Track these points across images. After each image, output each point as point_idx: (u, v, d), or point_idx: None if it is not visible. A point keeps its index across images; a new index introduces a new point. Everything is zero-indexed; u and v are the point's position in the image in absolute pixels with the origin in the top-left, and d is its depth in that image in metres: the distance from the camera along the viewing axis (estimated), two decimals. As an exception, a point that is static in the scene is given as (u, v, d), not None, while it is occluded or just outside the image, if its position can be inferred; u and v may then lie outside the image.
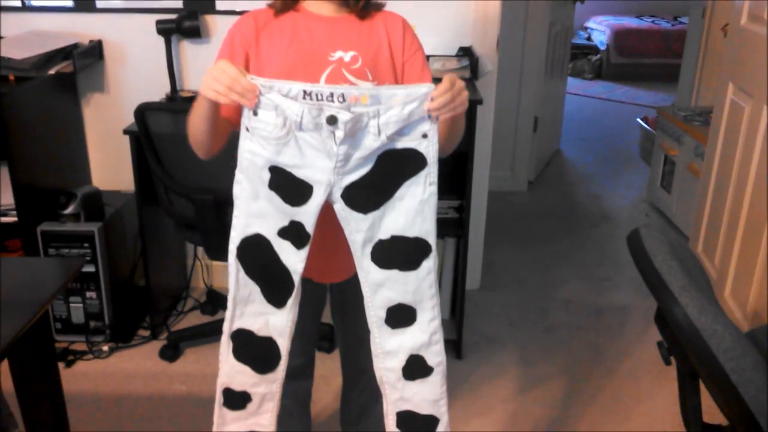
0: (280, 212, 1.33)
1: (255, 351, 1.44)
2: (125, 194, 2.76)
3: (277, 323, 1.41)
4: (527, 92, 4.03)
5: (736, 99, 2.84)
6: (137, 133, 2.25)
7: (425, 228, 1.35)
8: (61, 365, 2.50)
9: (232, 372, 1.46)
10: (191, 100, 1.39)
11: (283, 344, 1.43)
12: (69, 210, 2.50)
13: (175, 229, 2.44)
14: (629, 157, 4.97)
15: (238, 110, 1.30)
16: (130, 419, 2.29)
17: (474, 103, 2.27)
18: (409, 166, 1.31)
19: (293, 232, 1.34)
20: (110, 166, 2.85)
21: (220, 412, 1.52)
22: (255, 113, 1.25)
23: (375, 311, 1.41)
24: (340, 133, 1.24)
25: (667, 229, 3.23)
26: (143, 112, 2.15)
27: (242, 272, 1.38)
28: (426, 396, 1.46)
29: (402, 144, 1.29)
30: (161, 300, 2.81)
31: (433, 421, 1.49)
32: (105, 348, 2.62)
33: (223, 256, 2.16)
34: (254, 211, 1.34)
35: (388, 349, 1.43)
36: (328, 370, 2.48)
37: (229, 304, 1.41)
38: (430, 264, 1.37)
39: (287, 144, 1.27)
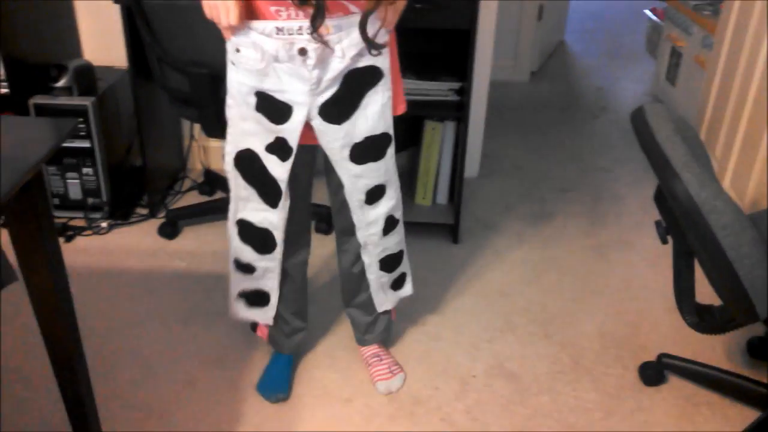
0: (266, 130, 1.57)
1: (255, 237, 1.73)
2: (118, 70, 2.69)
3: (273, 219, 1.69)
4: (534, -23, 3.89)
5: (751, -17, 2.74)
6: (128, 2, 2.16)
7: (386, 124, 1.63)
8: (60, 240, 2.51)
9: (238, 248, 1.76)
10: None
11: (278, 236, 1.72)
12: (61, 83, 2.44)
13: (170, 103, 2.39)
14: (635, 50, 4.86)
15: None
16: (129, 293, 2.33)
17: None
18: (369, 79, 1.56)
19: (278, 147, 1.59)
20: (102, 40, 2.76)
21: (234, 275, 1.82)
22: (237, 50, 1.48)
23: (356, 196, 1.69)
24: (311, 61, 1.45)
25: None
26: (135, -23, 2.06)
27: (240, 178, 1.65)
28: (395, 239, 1.83)
29: (363, 63, 1.52)
30: (158, 179, 2.80)
31: (400, 253, 1.88)
32: (104, 224, 2.63)
33: (218, 133, 2.14)
34: (245, 130, 1.59)
35: (370, 221, 1.75)
36: (327, 250, 2.51)
37: (232, 200, 1.70)
38: (392, 149, 1.68)
39: (267, 74, 1.49)
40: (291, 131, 1.56)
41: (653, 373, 2.02)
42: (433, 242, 2.64)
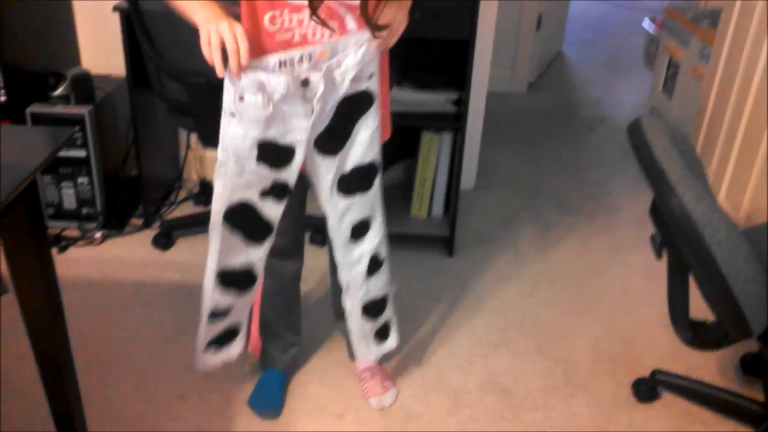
0: (264, 178, 1.47)
1: (238, 280, 1.62)
2: (116, 79, 2.69)
3: (254, 256, 1.59)
4: (532, -12, 3.89)
5: (748, -3, 2.74)
6: (128, 10, 2.16)
7: (375, 152, 1.55)
8: (53, 251, 2.50)
9: (218, 299, 1.63)
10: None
11: (259, 266, 1.63)
12: (58, 91, 2.44)
13: (167, 112, 2.38)
14: (633, 62, 4.87)
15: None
16: (122, 304, 2.31)
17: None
18: (363, 105, 1.49)
19: (276, 191, 1.51)
20: (100, 48, 2.75)
21: (206, 329, 1.68)
22: (241, 98, 1.34)
23: (342, 233, 1.62)
24: (319, 93, 1.39)
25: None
26: (132, -13, 2.06)
27: (227, 231, 1.51)
28: (380, 282, 1.73)
29: (357, 87, 1.45)
30: (154, 190, 2.79)
31: (384, 298, 1.78)
32: (97, 235, 2.62)
33: (216, 142, 2.13)
34: (240, 183, 1.46)
35: (354, 259, 1.66)
36: (321, 262, 2.49)
37: (212, 257, 1.55)
38: (378, 180, 1.59)
39: (273, 119, 1.39)
40: (291, 172, 1.49)
41: (647, 389, 2.00)
42: (428, 255, 2.63)
